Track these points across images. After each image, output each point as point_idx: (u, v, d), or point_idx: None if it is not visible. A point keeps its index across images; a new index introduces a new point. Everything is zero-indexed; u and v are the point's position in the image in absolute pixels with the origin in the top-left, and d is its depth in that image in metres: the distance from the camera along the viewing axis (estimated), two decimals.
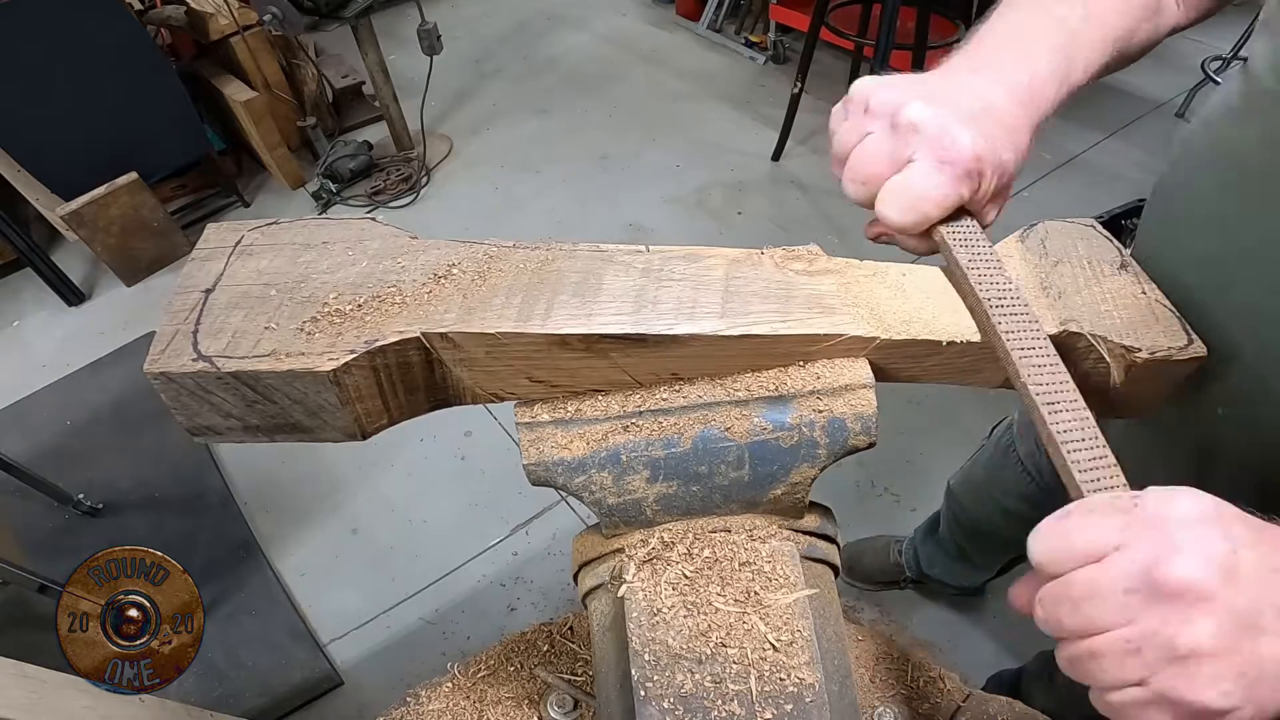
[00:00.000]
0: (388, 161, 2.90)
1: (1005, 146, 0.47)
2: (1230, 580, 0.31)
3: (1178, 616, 0.31)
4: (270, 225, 0.53)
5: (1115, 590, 0.33)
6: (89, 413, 2.15)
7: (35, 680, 0.91)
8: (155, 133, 2.46)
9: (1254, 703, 0.31)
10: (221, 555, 1.82)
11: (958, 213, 0.49)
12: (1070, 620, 0.34)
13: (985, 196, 0.49)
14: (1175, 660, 0.31)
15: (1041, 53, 0.51)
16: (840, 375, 0.47)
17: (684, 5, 3.71)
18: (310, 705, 1.60)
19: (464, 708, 0.80)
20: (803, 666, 0.44)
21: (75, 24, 2.14)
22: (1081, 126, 2.87)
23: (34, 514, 1.87)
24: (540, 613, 1.70)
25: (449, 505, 1.92)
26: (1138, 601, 0.32)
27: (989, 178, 0.47)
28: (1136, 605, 0.32)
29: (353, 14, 2.44)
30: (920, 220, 0.48)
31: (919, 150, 0.46)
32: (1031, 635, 0.45)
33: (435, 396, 0.50)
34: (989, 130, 0.46)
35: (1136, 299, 0.52)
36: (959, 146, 0.45)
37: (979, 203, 0.49)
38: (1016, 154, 0.48)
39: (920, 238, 0.50)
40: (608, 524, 0.51)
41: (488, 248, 0.51)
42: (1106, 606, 0.33)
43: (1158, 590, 0.32)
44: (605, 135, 3.04)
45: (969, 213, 0.50)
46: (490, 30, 3.78)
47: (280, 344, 0.44)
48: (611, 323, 0.45)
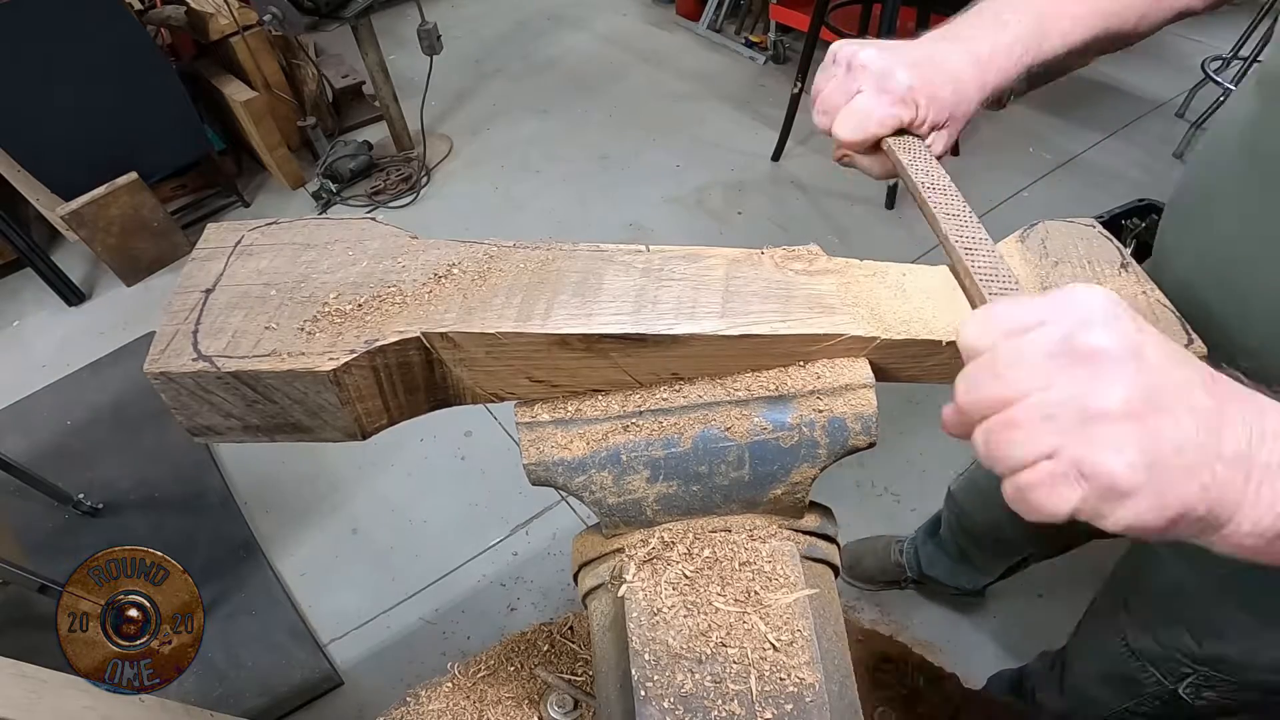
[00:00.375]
0: (388, 161, 2.90)
1: (942, 85, 0.57)
2: (1138, 357, 0.34)
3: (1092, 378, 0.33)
4: (270, 225, 0.53)
5: (1038, 354, 0.35)
6: (89, 413, 2.15)
7: (35, 680, 0.91)
8: (155, 133, 2.45)
9: (1154, 488, 0.33)
10: (221, 555, 1.82)
11: (904, 134, 0.59)
12: (991, 388, 0.36)
13: (923, 123, 0.59)
14: (1087, 421, 0.33)
15: (1012, 22, 0.60)
16: (840, 375, 0.47)
17: (684, 5, 3.71)
18: (310, 705, 1.60)
19: (464, 708, 0.80)
20: (803, 666, 0.44)
21: (75, 24, 2.14)
22: (1081, 126, 2.87)
23: (34, 514, 1.87)
24: (540, 613, 1.70)
25: (449, 505, 1.92)
26: (1057, 366, 0.34)
27: (924, 107, 0.57)
28: (1055, 369, 0.34)
29: (353, 14, 2.44)
30: (866, 136, 0.58)
31: (865, 83, 0.58)
32: (1032, 635, 0.45)
33: (435, 396, 0.50)
34: (926, 73, 0.57)
35: (1137, 300, 0.52)
36: (896, 79, 0.57)
37: (918, 128, 0.59)
38: (957, 96, 0.58)
39: (873, 157, 0.61)
40: (608, 524, 0.51)
41: (488, 248, 0.51)
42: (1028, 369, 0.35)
43: (1076, 354, 0.34)
44: (605, 135, 3.04)
45: (913, 136, 0.60)
46: (490, 30, 3.78)
47: (280, 344, 0.44)
48: (612, 322, 0.45)
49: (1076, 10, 0.61)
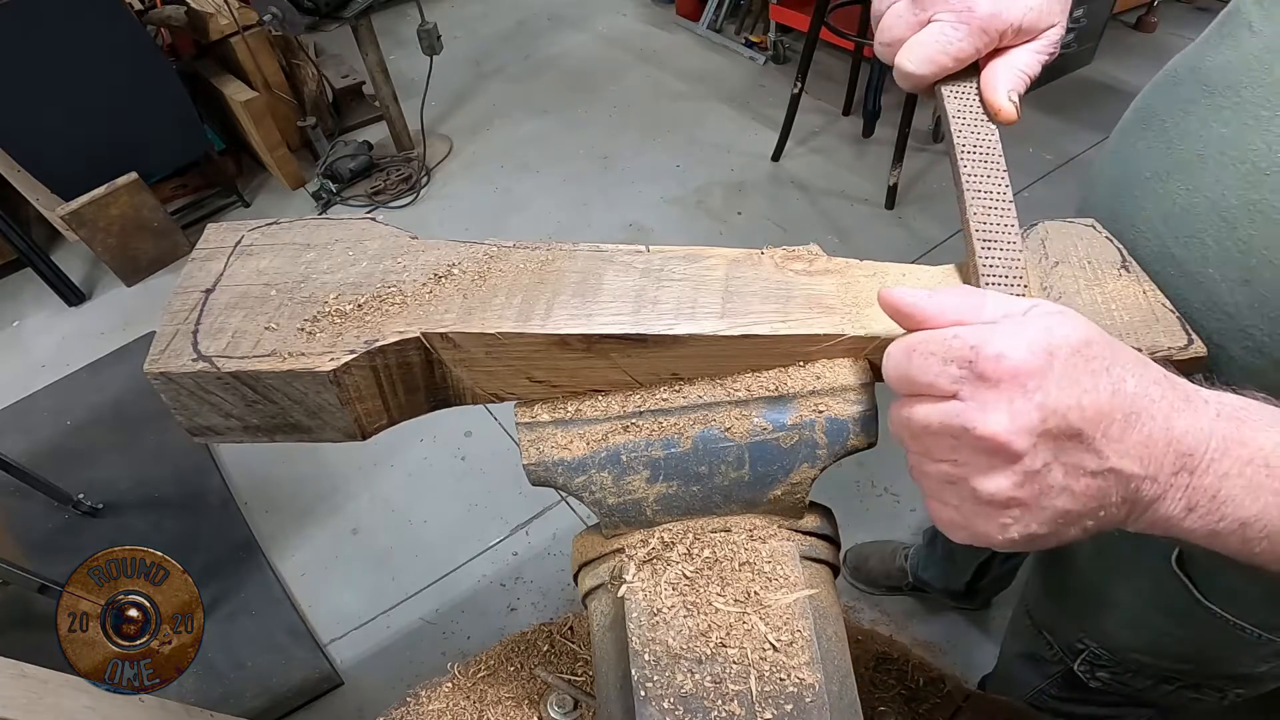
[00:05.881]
0: (388, 161, 2.90)
1: (1020, 7, 0.50)
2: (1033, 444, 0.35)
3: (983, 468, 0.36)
4: (270, 225, 0.53)
5: (929, 427, 0.37)
6: (89, 413, 2.15)
7: (35, 680, 0.91)
8: (155, 133, 2.46)
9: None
10: (221, 555, 1.82)
11: (965, 73, 0.53)
12: (900, 433, 0.39)
13: (1008, 47, 0.52)
14: (978, 503, 0.36)
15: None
16: (840, 375, 0.47)
17: (684, 5, 3.71)
18: (310, 705, 1.60)
19: (464, 708, 0.80)
20: (803, 666, 0.44)
21: (75, 24, 2.14)
22: (1082, 127, 2.87)
23: (34, 514, 1.87)
24: (540, 613, 1.70)
25: (449, 505, 1.92)
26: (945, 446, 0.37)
27: (1009, 36, 0.51)
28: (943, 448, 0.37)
29: (353, 14, 2.44)
30: (936, 71, 0.51)
31: (939, 12, 0.50)
32: None
33: (435, 396, 0.50)
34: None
35: (1137, 300, 0.52)
36: (974, 6, 0.49)
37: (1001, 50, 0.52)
38: (1039, 12, 0.50)
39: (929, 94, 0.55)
40: (608, 524, 0.51)
41: (488, 248, 0.51)
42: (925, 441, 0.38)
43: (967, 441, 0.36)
44: (605, 135, 3.04)
45: (974, 74, 0.54)
46: (490, 30, 3.78)
47: (280, 344, 0.44)
48: (611, 323, 0.45)
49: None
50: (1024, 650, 1.01)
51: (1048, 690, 0.98)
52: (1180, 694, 0.81)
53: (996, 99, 0.51)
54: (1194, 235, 0.56)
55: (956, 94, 0.53)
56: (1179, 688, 0.81)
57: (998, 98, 0.51)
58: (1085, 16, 2.92)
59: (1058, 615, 0.91)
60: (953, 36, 0.50)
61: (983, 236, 0.49)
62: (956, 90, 0.53)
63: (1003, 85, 0.51)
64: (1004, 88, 0.51)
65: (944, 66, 0.51)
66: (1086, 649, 0.86)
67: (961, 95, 0.53)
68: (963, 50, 0.51)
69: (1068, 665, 0.90)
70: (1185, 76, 0.60)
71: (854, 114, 2.98)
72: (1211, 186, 0.55)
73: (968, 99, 0.53)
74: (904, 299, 0.39)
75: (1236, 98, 0.54)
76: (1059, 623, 0.91)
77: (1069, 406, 0.33)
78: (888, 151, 2.57)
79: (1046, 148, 2.80)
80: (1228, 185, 0.54)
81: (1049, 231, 0.57)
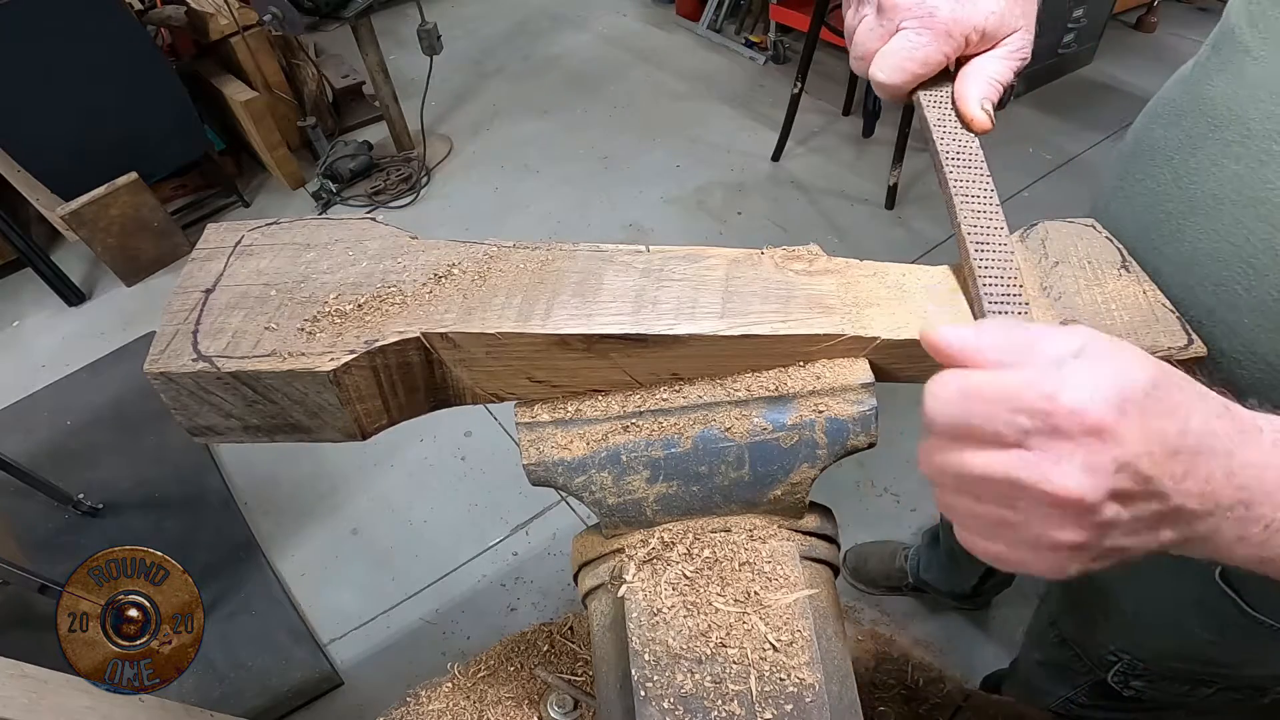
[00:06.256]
0: (388, 161, 2.90)
1: (981, 11, 0.51)
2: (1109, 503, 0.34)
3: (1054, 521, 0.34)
4: (270, 225, 0.53)
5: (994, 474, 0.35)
6: (89, 413, 2.15)
7: (35, 680, 0.91)
8: (155, 133, 2.46)
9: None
10: (221, 555, 1.82)
11: (941, 81, 0.54)
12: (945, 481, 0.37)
13: (975, 53, 0.53)
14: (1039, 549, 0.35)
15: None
16: (840, 375, 0.47)
17: (684, 5, 3.71)
18: (310, 705, 1.60)
19: (464, 708, 0.80)
20: (803, 666, 0.44)
21: (75, 24, 2.14)
22: (1082, 126, 2.87)
23: (34, 514, 1.87)
24: (540, 613, 1.70)
25: (449, 505, 1.92)
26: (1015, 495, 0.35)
27: (974, 40, 0.52)
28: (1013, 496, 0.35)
29: (353, 14, 2.44)
30: (908, 79, 0.52)
31: (904, 20, 0.51)
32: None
33: (435, 396, 0.50)
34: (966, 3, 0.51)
35: (1137, 300, 0.52)
36: (935, 12, 0.50)
37: (969, 57, 0.53)
38: (1000, 16, 0.51)
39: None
40: (608, 524, 0.51)
41: (488, 248, 0.51)
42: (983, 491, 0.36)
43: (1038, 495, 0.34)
44: (605, 135, 3.04)
45: (950, 82, 0.55)
46: (490, 30, 3.78)
47: (280, 344, 0.44)
48: (612, 323, 0.45)
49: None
50: (1047, 659, 0.99)
51: (1076, 699, 0.96)
52: (1221, 696, 0.80)
53: (969, 109, 0.52)
54: (1222, 284, 0.54)
55: (935, 102, 0.54)
56: (1219, 689, 0.79)
57: (970, 108, 0.52)
58: (1085, 16, 2.92)
59: (1088, 631, 0.88)
60: (918, 43, 0.51)
61: (975, 239, 0.49)
62: (934, 98, 0.54)
63: (974, 95, 0.52)
64: (976, 97, 0.52)
65: (914, 73, 0.52)
66: (1120, 659, 0.83)
67: (940, 103, 0.54)
68: (930, 55, 0.51)
69: (1099, 676, 0.87)
70: (1188, 108, 0.59)
71: (854, 114, 2.98)
72: (1232, 230, 0.53)
73: (946, 107, 0.54)
74: (950, 341, 0.36)
75: (1245, 131, 0.52)
76: (1088, 638, 0.88)
77: (1140, 455, 0.32)
78: (888, 151, 2.57)
79: (1046, 148, 2.80)
80: (1250, 228, 0.52)
81: (1049, 231, 0.57)
